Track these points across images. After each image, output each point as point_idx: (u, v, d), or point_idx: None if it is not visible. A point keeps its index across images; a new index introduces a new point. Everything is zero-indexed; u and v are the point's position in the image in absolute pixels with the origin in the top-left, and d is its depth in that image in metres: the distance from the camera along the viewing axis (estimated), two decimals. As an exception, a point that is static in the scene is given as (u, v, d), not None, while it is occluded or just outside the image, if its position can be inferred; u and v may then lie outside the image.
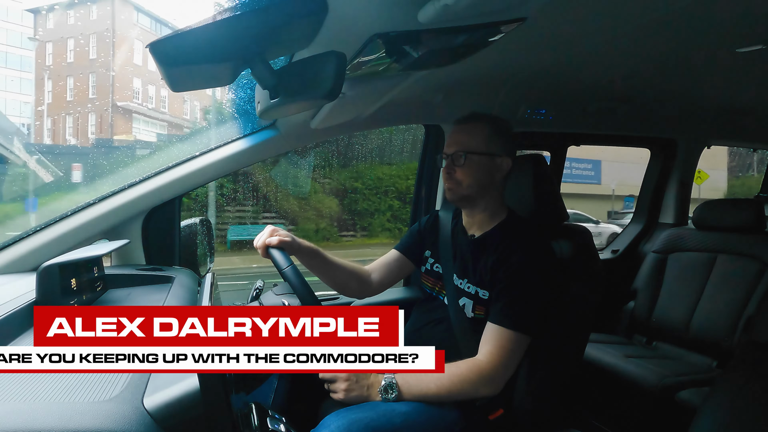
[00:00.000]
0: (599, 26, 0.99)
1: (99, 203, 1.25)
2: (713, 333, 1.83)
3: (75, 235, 1.20)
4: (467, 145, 1.18)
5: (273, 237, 1.09)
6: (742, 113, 2.08)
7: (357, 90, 1.10)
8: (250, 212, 8.20)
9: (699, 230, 2.03)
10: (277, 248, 1.07)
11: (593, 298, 1.21)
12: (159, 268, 1.21)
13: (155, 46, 0.64)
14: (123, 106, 21.48)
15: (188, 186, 1.34)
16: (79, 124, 21.90)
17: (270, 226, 1.13)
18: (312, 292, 0.99)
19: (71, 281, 0.87)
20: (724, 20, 0.97)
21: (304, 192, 8.39)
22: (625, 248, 2.45)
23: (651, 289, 2.08)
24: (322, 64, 0.73)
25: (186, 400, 0.51)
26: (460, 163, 1.18)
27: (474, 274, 1.18)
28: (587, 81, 1.49)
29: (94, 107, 21.52)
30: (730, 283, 1.85)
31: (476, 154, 1.18)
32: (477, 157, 1.18)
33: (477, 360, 1.07)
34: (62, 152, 15.43)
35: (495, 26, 0.81)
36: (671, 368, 1.73)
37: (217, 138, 1.43)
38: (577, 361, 1.26)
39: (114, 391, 0.54)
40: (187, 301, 0.95)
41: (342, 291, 1.33)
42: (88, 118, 21.69)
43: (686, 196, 2.47)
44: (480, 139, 1.18)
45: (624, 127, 2.12)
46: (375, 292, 1.37)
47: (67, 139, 21.78)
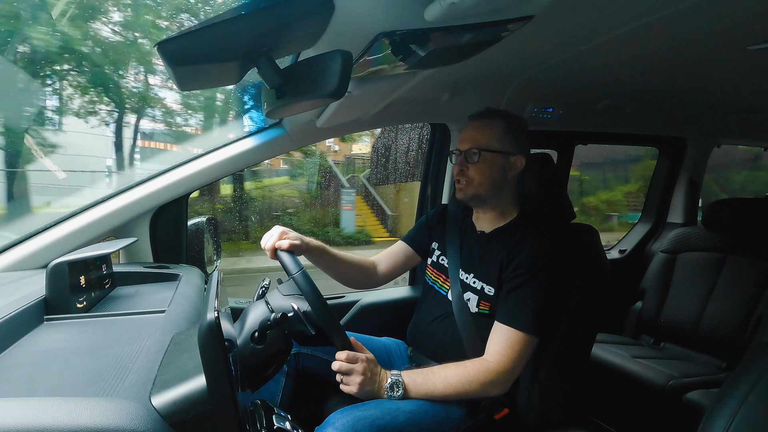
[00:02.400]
0: (607, 24, 0.97)
1: (107, 201, 1.27)
2: (723, 334, 1.81)
3: (84, 233, 1.22)
4: (482, 142, 1.17)
5: (283, 240, 1.08)
6: (753, 111, 2.04)
7: (363, 89, 1.09)
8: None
9: (708, 230, 2.00)
10: (286, 251, 1.06)
11: (600, 298, 1.20)
12: (166, 266, 1.22)
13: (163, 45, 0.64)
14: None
15: (195, 184, 1.35)
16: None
17: (279, 227, 1.11)
18: (322, 297, 0.97)
19: (80, 278, 0.88)
20: (735, 17, 0.95)
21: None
22: (633, 248, 2.43)
23: (659, 289, 2.06)
24: (328, 63, 0.73)
25: (193, 397, 0.51)
26: (473, 160, 1.17)
27: (480, 270, 1.18)
28: (595, 79, 1.47)
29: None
30: (740, 284, 1.83)
31: (490, 151, 1.17)
32: (491, 155, 1.17)
33: (485, 360, 1.07)
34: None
35: (502, 24, 0.80)
36: (679, 369, 1.71)
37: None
38: (584, 361, 1.26)
39: (121, 388, 0.54)
40: (194, 299, 0.96)
41: (347, 283, 1.33)
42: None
43: (695, 195, 2.44)
44: (495, 137, 1.17)
45: (632, 126, 2.10)
46: (380, 283, 1.38)
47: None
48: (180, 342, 0.68)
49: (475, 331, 1.14)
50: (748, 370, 0.71)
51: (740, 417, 0.67)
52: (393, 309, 1.67)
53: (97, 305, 0.93)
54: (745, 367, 0.72)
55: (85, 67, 5.23)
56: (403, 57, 0.89)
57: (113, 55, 5.43)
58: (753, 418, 0.67)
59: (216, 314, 0.51)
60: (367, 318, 1.62)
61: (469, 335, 1.15)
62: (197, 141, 7.28)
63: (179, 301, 0.92)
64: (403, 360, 1.34)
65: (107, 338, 0.73)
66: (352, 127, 1.55)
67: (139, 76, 6.13)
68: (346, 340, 1.03)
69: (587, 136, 2.15)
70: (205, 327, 0.50)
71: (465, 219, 1.32)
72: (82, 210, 1.25)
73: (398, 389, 1.05)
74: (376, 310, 1.64)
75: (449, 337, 1.19)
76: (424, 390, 1.06)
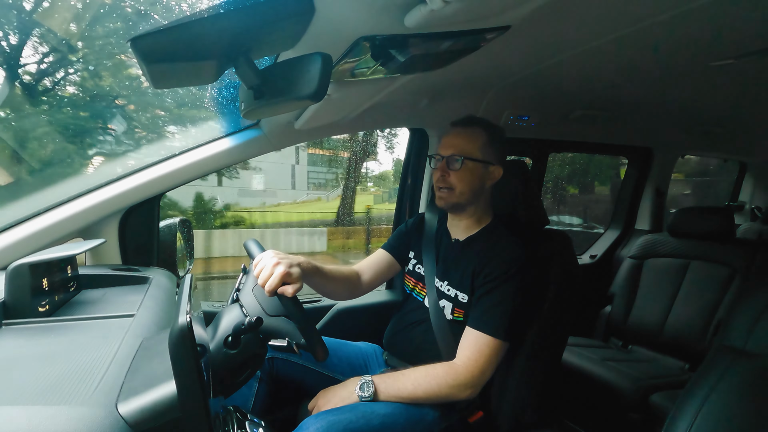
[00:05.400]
0: (579, 37, 1.01)
1: (74, 200, 1.22)
2: (686, 337, 1.89)
3: (48, 233, 1.16)
4: (464, 150, 1.18)
5: (287, 287, 0.93)
6: (713, 124, 2.16)
7: (342, 92, 1.09)
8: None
9: (673, 237, 2.09)
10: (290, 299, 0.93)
11: (571, 302, 1.24)
12: (135, 269, 1.18)
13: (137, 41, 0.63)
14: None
15: (168, 185, 1.31)
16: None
17: (280, 267, 0.93)
18: (308, 316, 0.91)
19: (43, 281, 0.84)
20: (697, 35, 1.01)
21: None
22: (603, 253, 2.51)
23: (627, 293, 2.13)
24: (307, 65, 0.72)
25: (162, 404, 0.50)
26: (455, 167, 1.18)
27: (455, 277, 1.19)
28: (568, 89, 1.52)
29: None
30: (702, 289, 1.91)
31: (472, 160, 1.18)
32: (472, 164, 1.18)
33: (454, 364, 1.08)
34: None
35: (479, 33, 0.82)
36: (646, 371, 1.77)
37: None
38: (556, 364, 1.28)
39: (85, 395, 0.52)
40: (164, 303, 0.93)
41: (334, 298, 1.33)
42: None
43: (661, 203, 2.55)
44: (477, 146, 1.19)
45: (603, 136, 2.18)
46: (364, 292, 1.38)
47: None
48: (149, 347, 0.66)
49: (451, 337, 1.15)
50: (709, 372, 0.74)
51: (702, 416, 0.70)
52: (369, 313, 1.67)
53: (60, 309, 0.89)
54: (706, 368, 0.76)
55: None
56: (383, 62, 0.90)
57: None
58: (714, 417, 0.70)
59: (188, 317, 0.50)
60: (344, 322, 1.61)
61: (445, 341, 1.16)
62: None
63: (149, 305, 0.89)
64: (379, 364, 1.34)
65: (71, 344, 0.69)
66: (331, 130, 1.54)
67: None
68: (326, 350, 1.00)
69: (561, 144, 2.22)
70: (176, 331, 0.49)
71: (440, 227, 1.33)
72: (46, 209, 1.19)
73: (368, 389, 1.06)
74: (352, 314, 1.63)
75: (426, 342, 1.20)
76: (394, 390, 1.06)
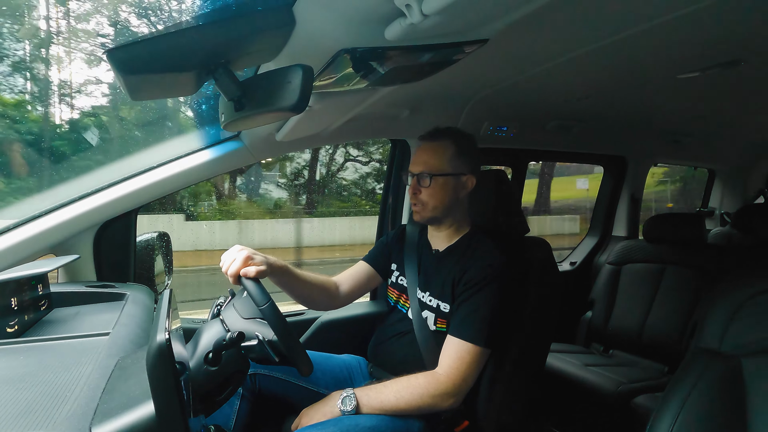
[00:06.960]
0: (554, 50, 1.05)
1: (46, 215, 1.17)
2: (664, 340, 1.93)
3: (17, 250, 1.12)
4: (432, 166, 1.19)
5: (249, 267, 0.98)
6: (682, 134, 2.25)
7: (324, 103, 1.09)
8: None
9: (649, 242, 2.15)
10: (252, 279, 0.97)
11: (553, 309, 1.25)
12: (111, 285, 1.14)
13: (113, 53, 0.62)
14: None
15: (145, 198, 1.28)
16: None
17: (243, 250, 1.01)
18: (290, 328, 0.90)
19: (11, 300, 0.80)
20: (665, 48, 1.05)
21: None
22: (582, 260, 2.56)
23: (606, 299, 2.17)
24: (288, 77, 0.72)
25: (140, 426, 0.48)
26: (425, 184, 1.19)
27: (436, 288, 1.20)
28: (545, 100, 1.56)
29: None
30: (677, 292, 1.97)
31: (442, 175, 1.19)
32: (442, 179, 1.19)
33: (435, 373, 1.08)
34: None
35: (458, 46, 0.84)
36: (627, 375, 1.80)
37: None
38: (539, 371, 1.29)
39: (58, 419, 0.49)
40: (142, 320, 0.90)
41: (309, 305, 1.30)
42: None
43: (636, 210, 2.62)
44: (445, 159, 1.20)
45: (579, 145, 2.24)
46: (342, 304, 1.36)
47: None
48: (126, 366, 0.64)
49: (436, 347, 1.15)
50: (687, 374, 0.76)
51: (683, 417, 0.72)
52: (353, 325, 1.65)
53: (31, 329, 0.85)
54: (684, 370, 0.77)
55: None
56: (363, 74, 0.91)
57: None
58: (694, 416, 0.71)
59: (167, 334, 0.48)
60: (328, 335, 1.59)
61: (430, 352, 1.16)
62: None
63: (125, 323, 0.86)
64: (363, 376, 1.33)
65: (41, 365, 0.66)
66: (313, 142, 1.54)
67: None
68: (310, 366, 0.99)
69: (539, 153, 2.28)
70: (154, 349, 0.47)
71: (421, 238, 1.34)
72: (16, 225, 1.14)
73: (350, 402, 1.04)
74: (336, 326, 1.61)
75: (410, 353, 1.19)
76: (377, 403, 1.05)
